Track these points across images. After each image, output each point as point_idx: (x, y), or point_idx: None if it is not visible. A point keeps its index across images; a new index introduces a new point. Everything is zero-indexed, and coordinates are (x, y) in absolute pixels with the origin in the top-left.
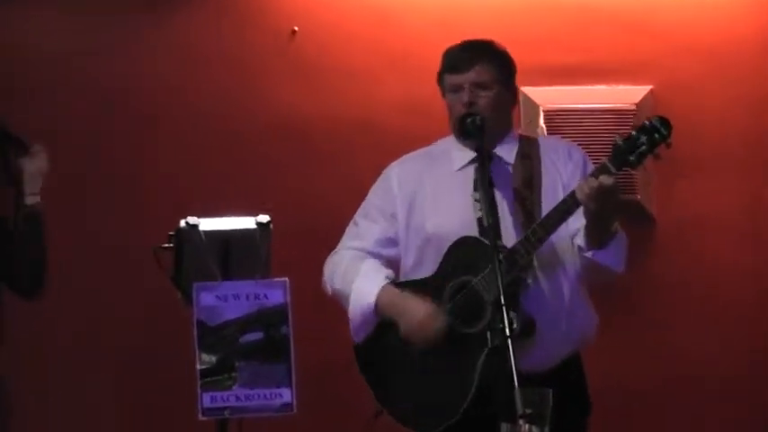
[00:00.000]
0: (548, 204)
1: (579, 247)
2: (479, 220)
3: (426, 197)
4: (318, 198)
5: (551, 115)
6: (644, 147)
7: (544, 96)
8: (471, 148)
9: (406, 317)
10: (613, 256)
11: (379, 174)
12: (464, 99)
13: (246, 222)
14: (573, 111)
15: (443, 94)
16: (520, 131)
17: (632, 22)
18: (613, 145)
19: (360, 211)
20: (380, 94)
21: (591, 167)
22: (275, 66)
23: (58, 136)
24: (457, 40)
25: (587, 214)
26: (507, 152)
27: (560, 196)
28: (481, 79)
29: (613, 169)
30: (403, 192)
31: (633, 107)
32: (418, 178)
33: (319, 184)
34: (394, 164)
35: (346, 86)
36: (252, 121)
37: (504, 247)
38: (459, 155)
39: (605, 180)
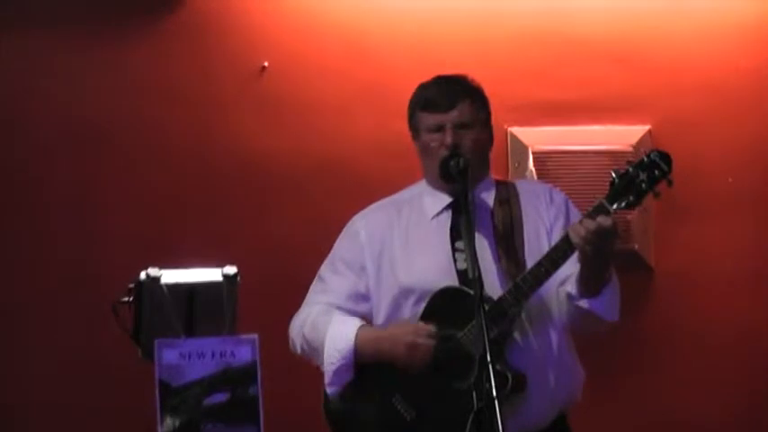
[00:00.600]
0: (531, 251)
1: (569, 295)
2: (461, 272)
3: (398, 248)
4: (289, 246)
5: (542, 157)
6: (643, 184)
7: (533, 137)
8: (448, 193)
9: (392, 345)
10: (607, 305)
11: (347, 221)
12: (447, 140)
13: (212, 274)
14: (565, 153)
15: (415, 135)
16: (497, 176)
17: (628, 56)
18: (610, 182)
19: (325, 265)
20: (353, 132)
21: (574, 210)
22: (242, 103)
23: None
24: (436, 73)
25: (582, 259)
26: (486, 196)
27: (544, 242)
28: (464, 119)
29: (611, 208)
30: (371, 244)
31: (630, 148)
32: (387, 229)
33: (290, 231)
34: (359, 215)
35: (317, 124)
36: (218, 162)
37: (491, 298)
38: (432, 201)
39: (604, 221)
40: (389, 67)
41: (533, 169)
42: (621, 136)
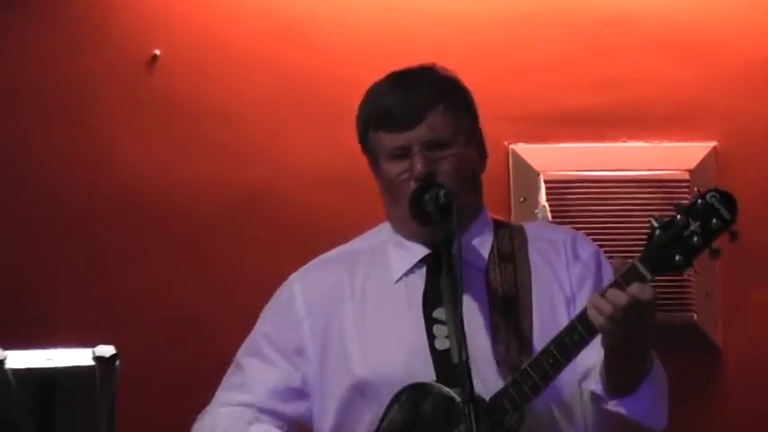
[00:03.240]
0: (543, 328)
1: (594, 396)
2: (440, 353)
3: (350, 323)
4: (190, 319)
5: (558, 188)
6: (696, 239)
7: (546, 158)
8: (422, 241)
9: None
10: (647, 405)
11: (280, 282)
12: (417, 168)
13: (79, 357)
14: (592, 181)
15: (373, 163)
16: (494, 215)
17: (684, 47)
18: (647, 235)
19: (245, 346)
20: (283, 150)
21: (607, 269)
22: (123, 110)
23: None
24: (402, 64)
25: (608, 345)
26: (479, 244)
27: (561, 316)
28: (438, 134)
29: (648, 274)
30: (312, 316)
31: (686, 175)
32: (335, 295)
33: (191, 297)
34: (294, 275)
35: (231, 139)
36: (89, 194)
37: (482, 400)
38: (399, 254)
39: (639, 292)
40: (335, 59)
41: (546, 205)
42: (675, 158)
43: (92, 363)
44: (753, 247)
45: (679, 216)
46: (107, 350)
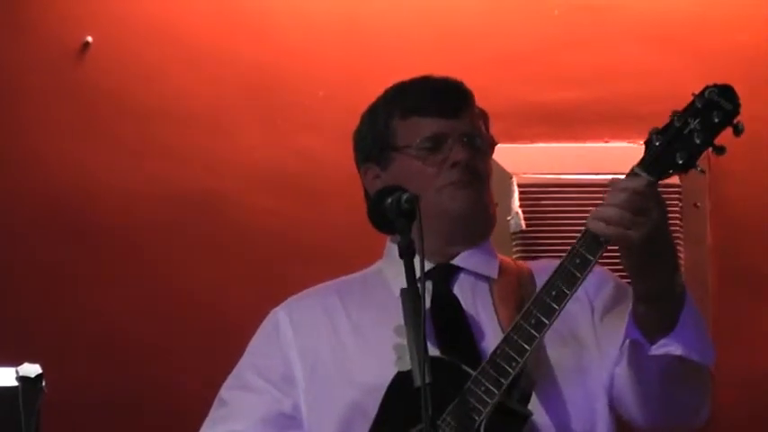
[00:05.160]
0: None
1: (634, 345)
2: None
3: (346, 341)
4: (120, 335)
5: (532, 193)
6: (697, 136)
7: (519, 160)
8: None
9: None
10: (693, 339)
11: (226, 297)
12: (460, 156)
13: (1, 376)
14: (568, 186)
15: (382, 155)
16: None
17: (674, 37)
18: (646, 143)
19: (228, 382)
20: (231, 152)
21: (621, 285)
22: (50, 104)
23: None
24: (362, 57)
25: (629, 263)
26: (487, 259)
27: (585, 336)
28: (477, 132)
29: (646, 175)
30: (302, 339)
31: (676, 179)
32: (326, 316)
33: (125, 310)
34: (279, 307)
35: (175, 140)
36: (15, 197)
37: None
38: (401, 271)
39: (631, 180)
40: (292, 54)
41: (520, 212)
42: None
43: (14, 383)
44: (745, 261)
45: (676, 117)
46: (32, 369)
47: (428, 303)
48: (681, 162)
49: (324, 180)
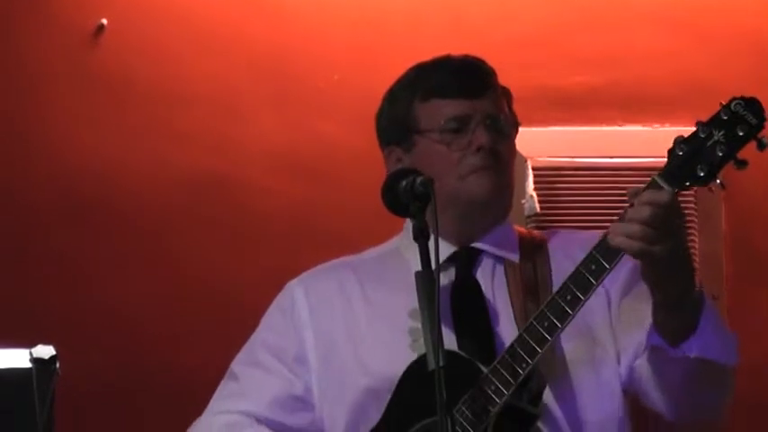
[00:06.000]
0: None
1: (655, 350)
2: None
3: (361, 324)
4: (132, 318)
5: (546, 176)
6: (720, 149)
7: (534, 144)
8: (453, 237)
9: None
10: (715, 340)
11: (238, 279)
12: (482, 141)
13: (15, 358)
14: (582, 169)
15: (403, 141)
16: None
17: (689, 20)
18: (669, 152)
19: (241, 355)
20: (244, 135)
21: (635, 265)
22: (64, 87)
23: None
24: (365, 42)
25: (647, 273)
26: (510, 239)
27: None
28: (500, 113)
29: (667, 187)
30: (317, 321)
31: None
32: (342, 297)
33: (137, 293)
34: (294, 281)
35: (184, 122)
36: (27, 181)
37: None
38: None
39: (652, 195)
40: (305, 36)
41: (534, 195)
42: None
43: (28, 365)
44: (760, 249)
45: (701, 127)
46: (46, 351)
47: (449, 287)
48: (702, 174)
49: (338, 164)
